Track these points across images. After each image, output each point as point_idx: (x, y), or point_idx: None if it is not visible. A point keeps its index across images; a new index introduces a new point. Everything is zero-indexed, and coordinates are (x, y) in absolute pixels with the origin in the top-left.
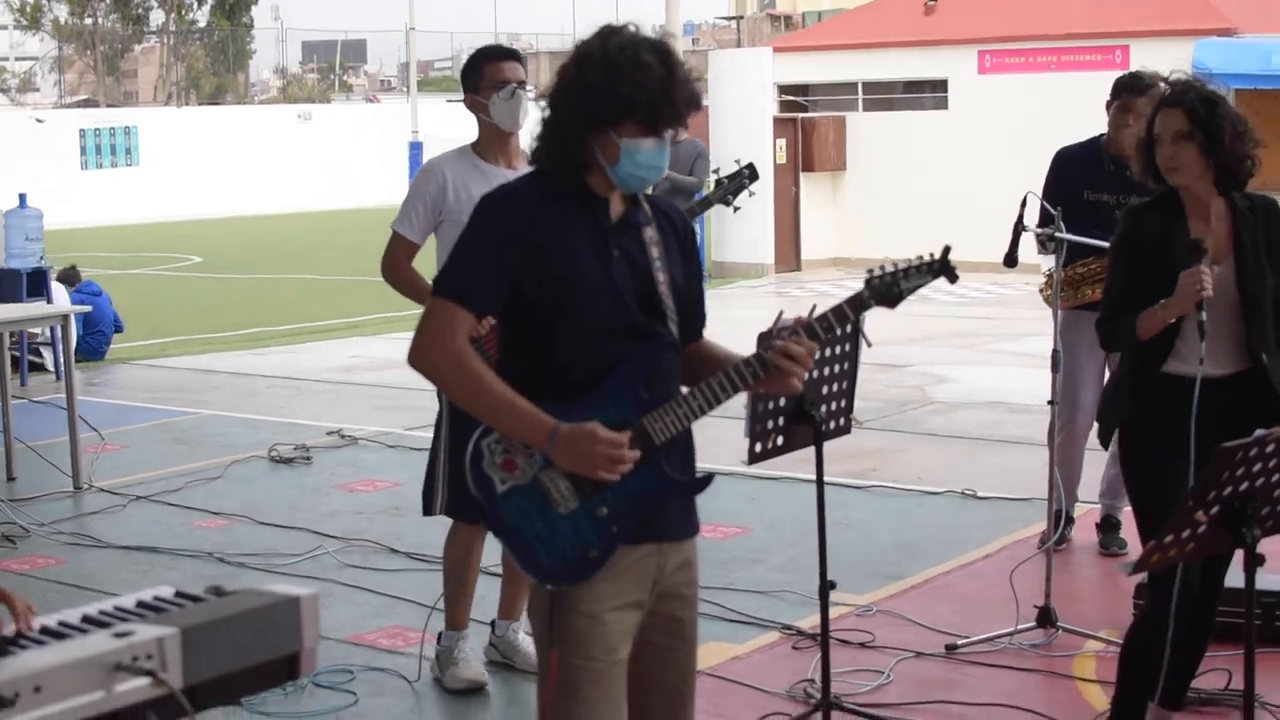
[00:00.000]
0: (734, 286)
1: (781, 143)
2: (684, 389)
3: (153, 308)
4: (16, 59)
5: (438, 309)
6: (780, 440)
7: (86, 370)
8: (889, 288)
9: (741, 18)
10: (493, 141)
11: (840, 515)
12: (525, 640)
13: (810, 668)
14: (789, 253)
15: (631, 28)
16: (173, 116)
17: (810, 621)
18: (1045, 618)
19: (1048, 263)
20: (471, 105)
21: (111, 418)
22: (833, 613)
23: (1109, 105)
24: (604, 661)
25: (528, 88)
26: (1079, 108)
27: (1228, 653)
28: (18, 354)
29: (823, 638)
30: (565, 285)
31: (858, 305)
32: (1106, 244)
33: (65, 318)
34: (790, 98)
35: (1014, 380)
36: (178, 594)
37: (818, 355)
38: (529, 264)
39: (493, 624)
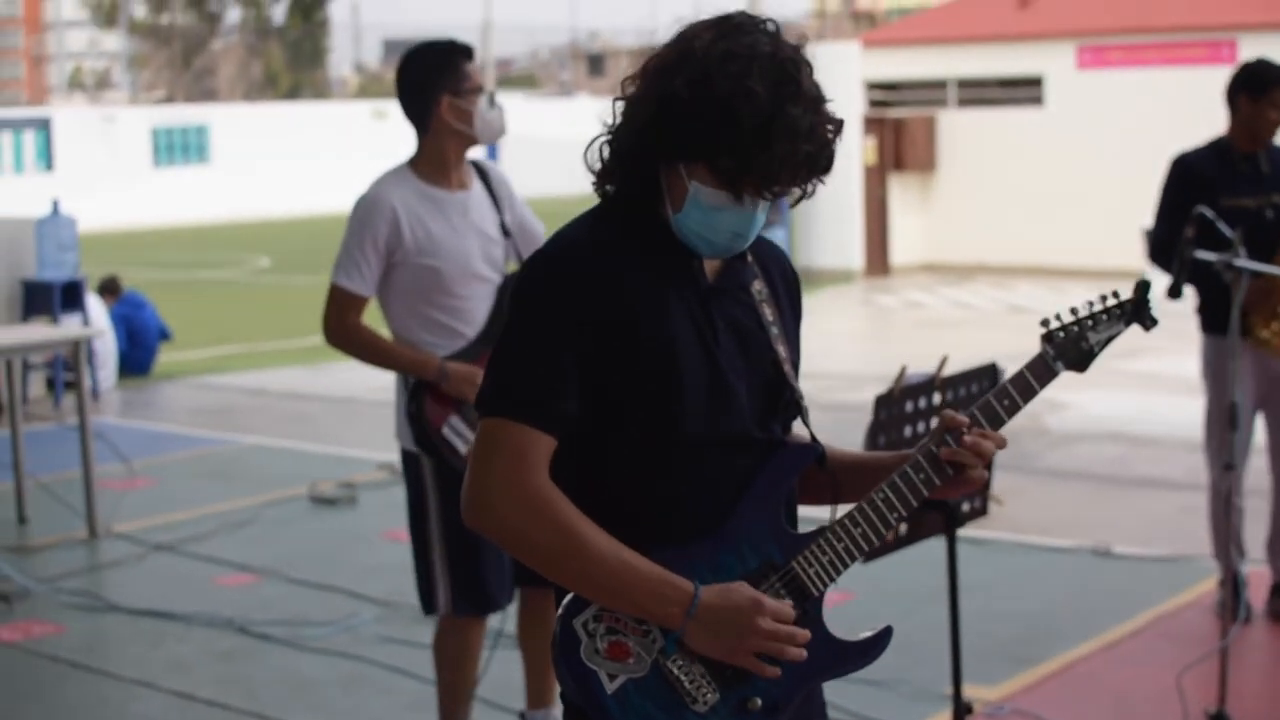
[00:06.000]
0: (821, 293)
1: (871, 142)
2: (837, 516)
3: (214, 313)
4: (94, 56)
5: (500, 437)
6: (904, 529)
7: (129, 388)
8: (1075, 344)
9: (823, 15)
10: (447, 160)
11: None
12: None
13: None
14: (878, 257)
15: (767, 26)
16: (246, 113)
17: None
18: None
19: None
20: (449, 112)
21: (145, 445)
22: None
23: (1238, 97)
24: None
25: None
26: (1184, 104)
27: None
28: (55, 374)
29: None
30: (663, 379)
31: (1044, 373)
32: None
33: (75, 344)
34: (879, 96)
35: (1136, 407)
36: None
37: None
38: (612, 351)
39: (521, 716)
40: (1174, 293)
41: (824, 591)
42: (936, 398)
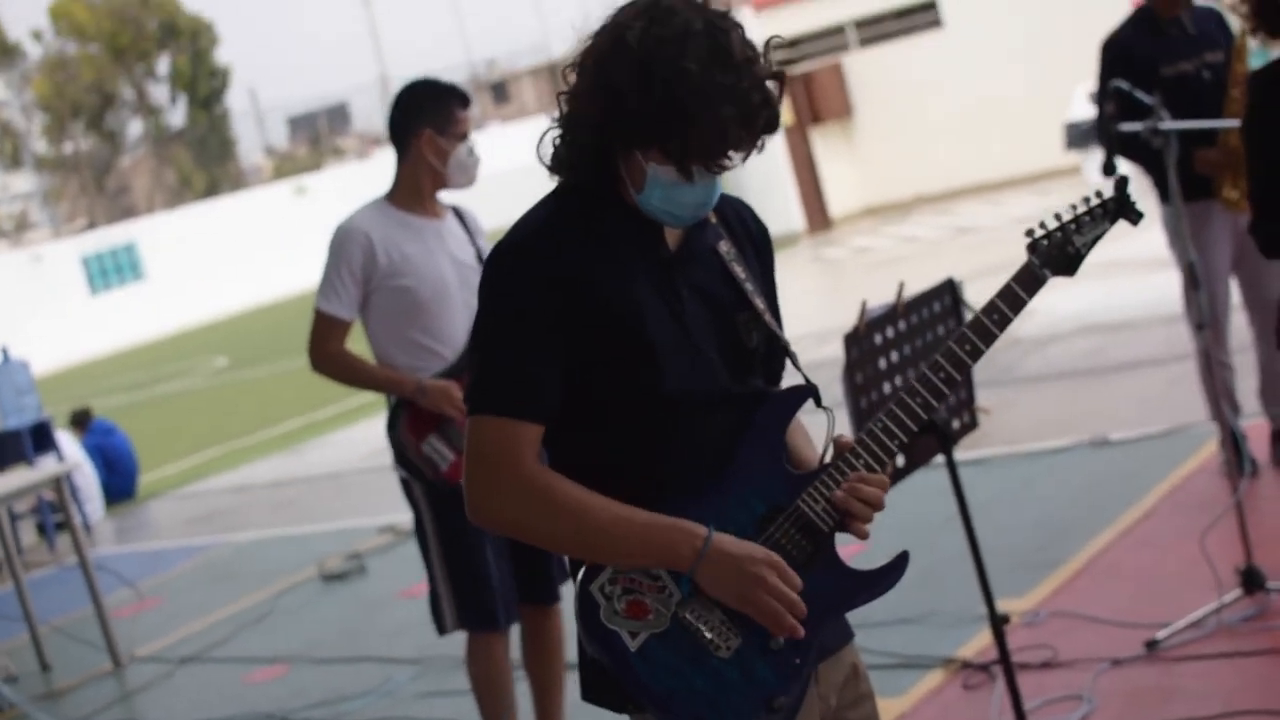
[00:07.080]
0: None
1: (784, 102)
2: (840, 443)
3: (184, 422)
4: (8, 200)
5: (488, 432)
6: (901, 461)
7: (118, 515)
8: (1061, 249)
9: None
10: (422, 191)
11: None
12: None
13: (995, 710)
14: (817, 213)
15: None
16: (169, 222)
17: (973, 647)
18: (1252, 580)
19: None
20: (429, 146)
21: (147, 566)
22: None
23: None
24: None
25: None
26: None
27: None
28: (44, 518)
29: (1010, 691)
30: (637, 353)
31: (1031, 283)
32: (1229, 122)
33: (56, 481)
34: (781, 55)
35: (1101, 296)
36: None
37: (919, 343)
38: (584, 334)
39: None
40: (1108, 169)
41: (833, 527)
42: (902, 324)
